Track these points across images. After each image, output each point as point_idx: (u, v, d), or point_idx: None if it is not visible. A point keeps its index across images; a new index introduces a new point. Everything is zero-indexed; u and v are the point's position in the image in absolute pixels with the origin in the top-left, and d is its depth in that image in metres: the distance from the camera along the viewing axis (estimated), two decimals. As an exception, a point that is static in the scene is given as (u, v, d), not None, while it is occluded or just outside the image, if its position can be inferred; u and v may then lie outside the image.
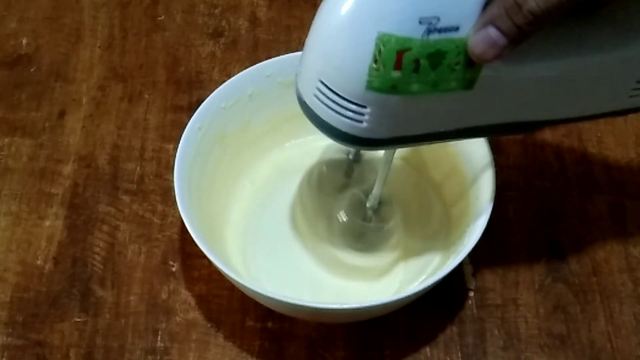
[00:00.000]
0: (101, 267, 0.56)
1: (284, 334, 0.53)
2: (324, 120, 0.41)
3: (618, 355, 0.52)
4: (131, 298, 0.54)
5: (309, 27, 0.42)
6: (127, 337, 0.53)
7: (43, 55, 0.68)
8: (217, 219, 0.55)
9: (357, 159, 0.55)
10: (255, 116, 0.57)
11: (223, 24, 0.70)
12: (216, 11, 0.70)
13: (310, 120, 0.42)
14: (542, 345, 0.52)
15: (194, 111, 0.53)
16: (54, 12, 0.70)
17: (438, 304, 0.54)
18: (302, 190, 0.56)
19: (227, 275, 0.47)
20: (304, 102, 0.42)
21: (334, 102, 0.40)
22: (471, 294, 0.55)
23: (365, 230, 0.54)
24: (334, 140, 0.42)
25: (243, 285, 0.46)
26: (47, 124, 0.63)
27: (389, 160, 0.49)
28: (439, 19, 0.37)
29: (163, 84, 0.66)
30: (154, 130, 0.63)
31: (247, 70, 0.55)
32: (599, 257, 0.56)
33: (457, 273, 0.54)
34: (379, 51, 0.37)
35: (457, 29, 0.37)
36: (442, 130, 0.43)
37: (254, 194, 0.58)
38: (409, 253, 0.55)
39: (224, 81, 0.55)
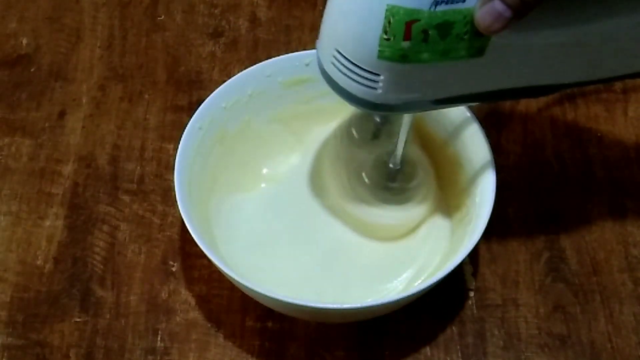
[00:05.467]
0: (101, 267, 0.56)
1: (284, 334, 0.53)
2: (341, 87, 0.43)
3: (618, 355, 0.52)
4: (131, 298, 0.55)
5: (309, 27, 0.42)
6: (127, 337, 0.53)
7: (43, 55, 0.68)
8: (217, 219, 0.55)
9: (384, 121, 0.56)
10: (255, 116, 0.57)
11: (223, 24, 0.70)
12: (216, 11, 0.70)
13: (329, 85, 0.44)
14: (542, 345, 0.52)
15: (194, 111, 0.53)
16: (54, 12, 0.70)
17: (438, 304, 0.54)
18: (332, 147, 0.57)
19: (227, 275, 0.47)
20: (324, 69, 0.44)
21: (349, 69, 0.42)
22: (471, 294, 0.55)
23: (389, 189, 0.55)
24: (352, 104, 0.44)
25: (243, 285, 0.46)
26: (47, 124, 0.63)
27: (408, 123, 0.50)
28: None
29: (163, 84, 0.66)
30: (154, 130, 0.63)
31: (247, 70, 0.55)
32: (599, 257, 0.56)
33: (457, 273, 0.54)
34: (389, 22, 0.38)
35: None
36: (455, 95, 0.44)
37: (254, 194, 0.58)
38: (409, 253, 0.55)
39: (224, 81, 0.55)
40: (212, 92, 0.54)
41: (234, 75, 0.55)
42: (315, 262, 0.55)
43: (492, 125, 0.60)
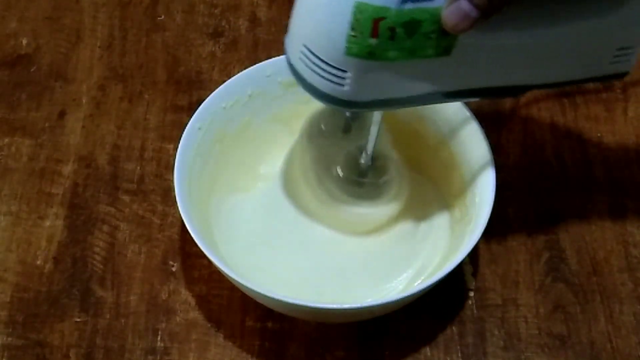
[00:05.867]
0: (101, 267, 0.56)
1: (284, 334, 0.53)
2: (309, 83, 0.43)
3: (618, 355, 0.52)
4: (131, 298, 0.55)
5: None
6: (127, 337, 0.53)
7: (43, 55, 0.68)
8: (217, 219, 0.55)
9: (355, 116, 0.56)
10: (255, 116, 0.57)
11: (223, 24, 0.70)
12: (216, 11, 0.70)
13: (297, 81, 0.44)
14: (542, 345, 0.52)
15: (194, 111, 0.53)
16: (54, 12, 0.70)
17: (438, 304, 0.54)
18: (301, 145, 0.57)
19: (227, 275, 0.47)
20: (292, 65, 0.44)
21: (317, 65, 0.42)
22: (471, 294, 0.55)
23: (360, 185, 0.55)
24: (320, 101, 0.44)
25: (243, 285, 0.46)
26: (47, 124, 0.63)
27: (377, 121, 0.50)
28: None
29: (163, 84, 0.66)
30: (154, 130, 0.63)
31: (247, 70, 0.55)
32: (599, 257, 0.56)
33: (457, 273, 0.54)
34: (356, 19, 0.39)
35: None
36: (422, 93, 0.44)
37: (254, 193, 0.58)
38: (409, 253, 0.55)
39: (224, 81, 0.55)
40: (212, 92, 0.54)
41: (234, 75, 0.55)
42: (315, 262, 0.55)
43: (492, 125, 0.60)
